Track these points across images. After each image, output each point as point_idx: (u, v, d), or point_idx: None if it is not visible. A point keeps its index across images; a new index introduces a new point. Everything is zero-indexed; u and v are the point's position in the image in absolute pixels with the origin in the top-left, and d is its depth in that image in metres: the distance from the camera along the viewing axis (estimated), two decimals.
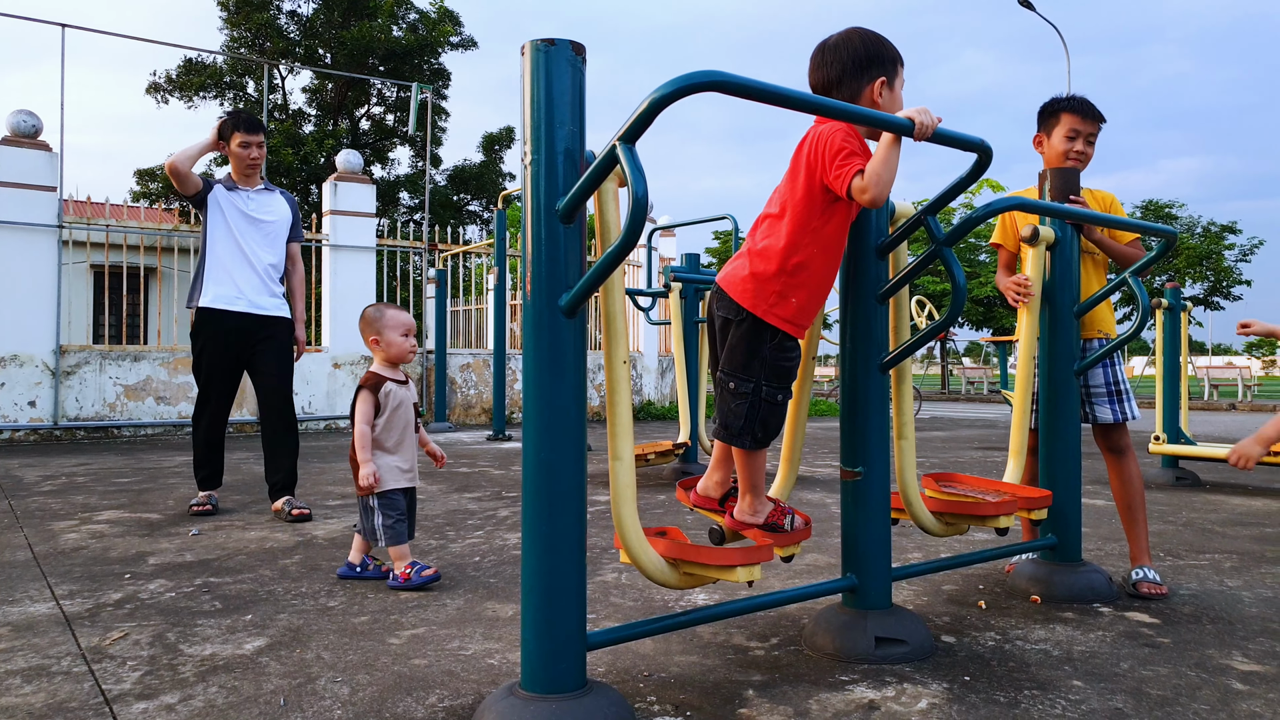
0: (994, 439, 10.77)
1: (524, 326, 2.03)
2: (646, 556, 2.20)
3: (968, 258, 31.37)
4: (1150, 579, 3.26)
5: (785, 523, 2.55)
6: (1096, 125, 3.41)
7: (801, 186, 2.38)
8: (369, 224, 11.40)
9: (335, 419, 10.89)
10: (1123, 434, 3.42)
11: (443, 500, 5.40)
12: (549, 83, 1.96)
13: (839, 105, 2.13)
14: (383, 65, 23.32)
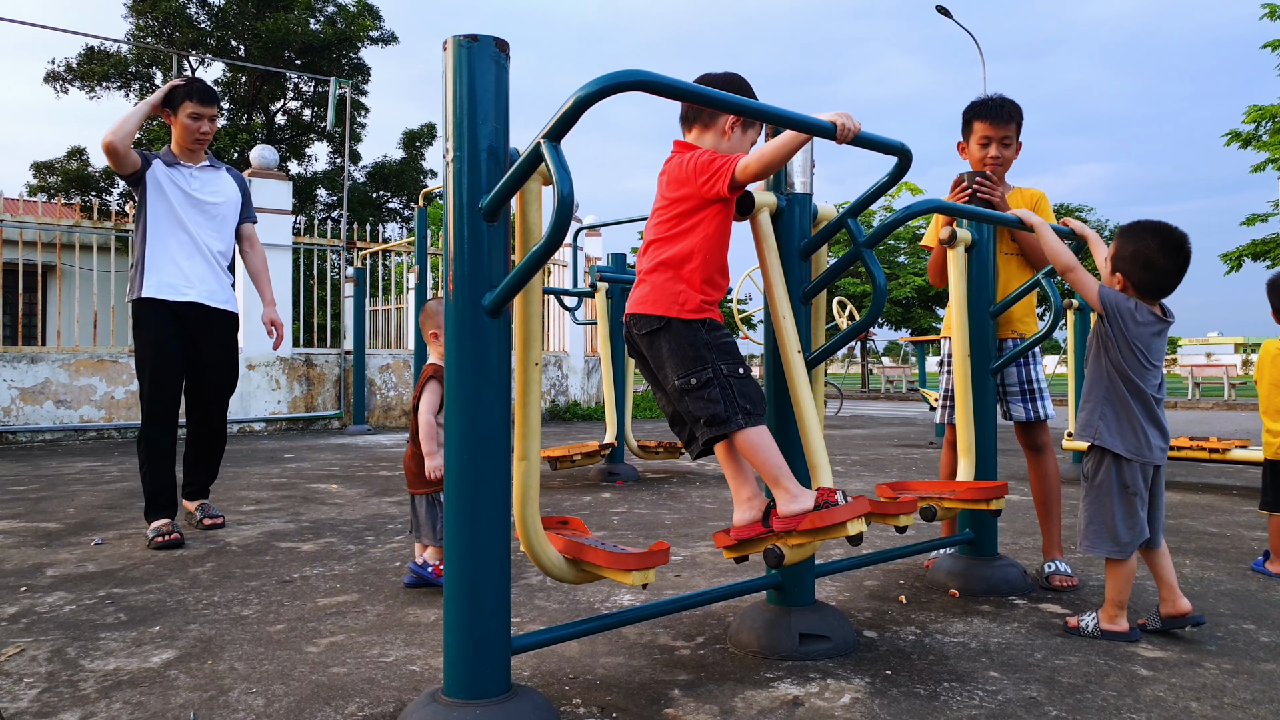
0: (913, 436, 11.00)
1: (446, 327, 2.00)
2: (546, 554, 2.19)
3: (887, 259, 32.01)
4: (1062, 572, 3.36)
5: (837, 498, 2.33)
6: (1008, 127, 3.48)
7: (680, 201, 2.46)
8: (285, 221, 11.13)
9: (249, 422, 10.61)
10: (1041, 432, 3.51)
11: (362, 505, 5.30)
12: (472, 79, 1.93)
13: (761, 106, 2.15)
14: (300, 59, 22.80)
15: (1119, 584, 2.74)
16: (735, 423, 2.36)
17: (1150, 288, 2.76)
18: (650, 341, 2.46)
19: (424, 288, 9.89)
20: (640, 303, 2.49)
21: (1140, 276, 2.75)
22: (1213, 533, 4.49)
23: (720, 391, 2.38)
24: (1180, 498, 5.74)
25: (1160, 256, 2.73)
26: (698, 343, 2.41)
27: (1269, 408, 3.63)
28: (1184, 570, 3.64)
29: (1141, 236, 2.77)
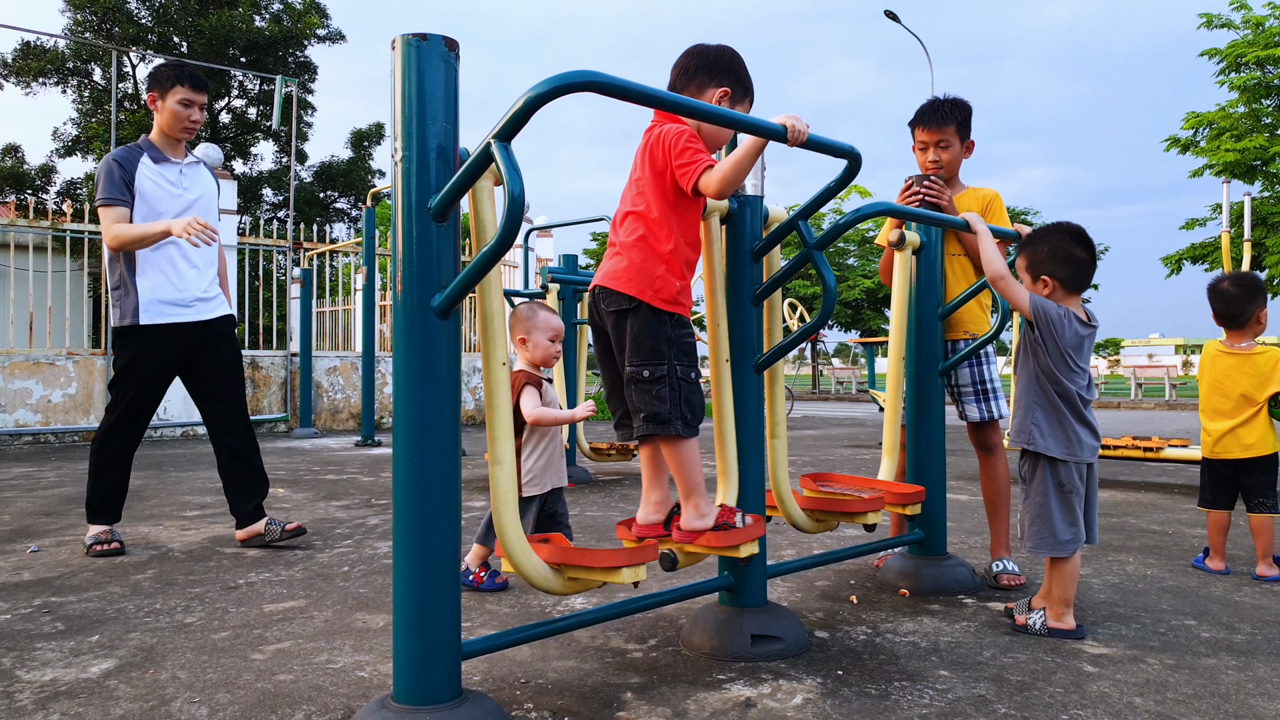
0: (863, 437, 11.11)
1: (395, 328, 1.97)
2: (530, 563, 2.15)
3: (837, 262, 32.31)
4: (1010, 570, 3.41)
5: (737, 520, 2.45)
6: (944, 130, 3.51)
7: (654, 184, 2.42)
8: (229, 221, 10.93)
9: (192, 425, 10.39)
10: (992, 431, 3.56)
11: (309, 509, 5.21)
12: (421, 78, 1.90)
13: (709, 107, 2.15)
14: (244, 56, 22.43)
15: (1064, 582, 2.78)
16: (674, 427, 2.39)
17: (1076, 279, 2.83)
18: (617, 320, 2.45)
19: (372, 289, 9.78)
20: (614, 277, 2.43)
21: (1065, 271, 2.82)
22: (1155, 530, 4.59)
23: (670, 392, 2.38)
24: (1124, 496, 5.86)
25: (1075, 247, 2.83)
26: (660, 336, 2.40)
27: (1207, 407, 3.72)
28: (1127, 568, 3.71)
29: (1050, 236, 2.86)
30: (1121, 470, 7.31)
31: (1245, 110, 20.84)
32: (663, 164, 2.39)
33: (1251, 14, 20.38)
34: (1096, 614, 3.02)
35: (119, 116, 19.32)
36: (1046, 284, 2.84)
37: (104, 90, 22.24)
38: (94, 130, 20.43)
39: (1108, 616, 2.99)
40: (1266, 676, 2.42)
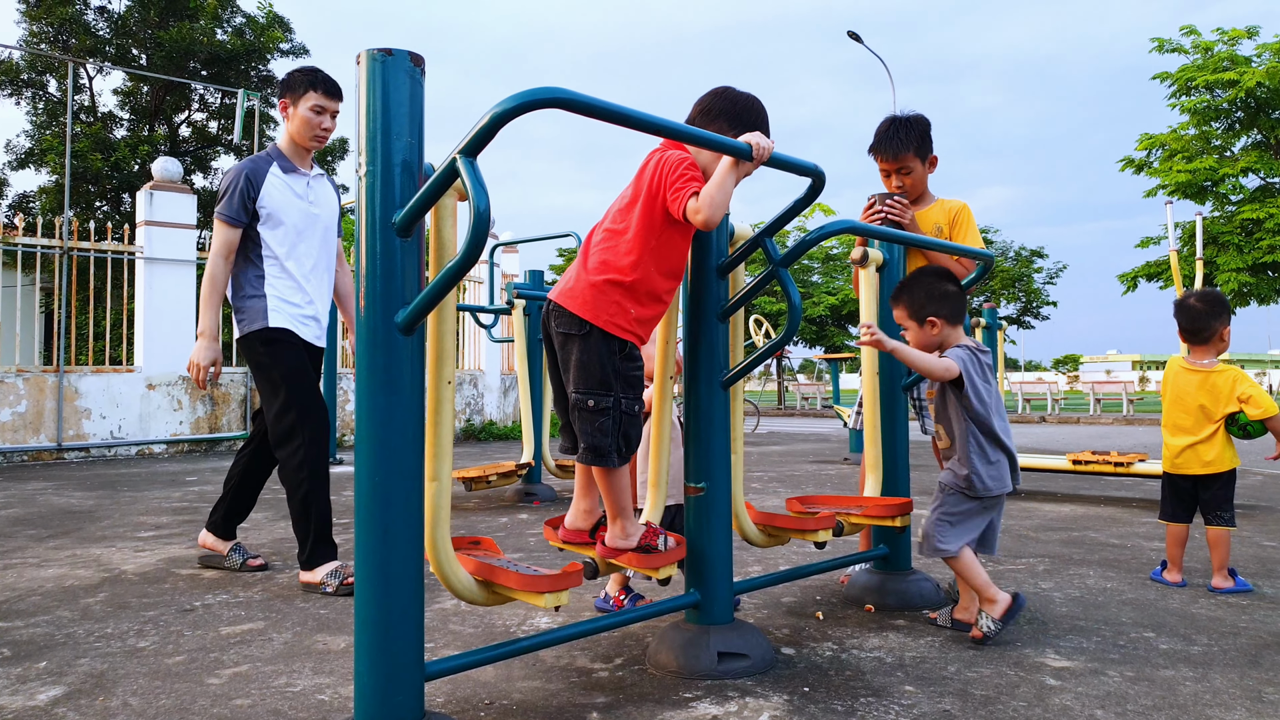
0: (827, 452, 11.16)
1: (358, 344, 1.95)
2: (456, 577, 2.15)
3: (801, 279, 32.53)
4: None
5: (659, 543, 2.52)
6: (899, 160, 3.53)
7: (642, 206, 2.41)
8: (189, 236, 10.79)
9: (148, 444, 10.22)
10: None
11: (269, 529, 5.13)
12: (386, 93, 1.89)
13: (676, 125, 2.16)
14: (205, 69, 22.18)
15: (974, 572, 2.91)
16: (610, 460, 2.42)
17: (956, 311, 3.01)
18: (565, 341, 2.44)
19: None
20: (570, 297, 2.42)
21: (946, 308, 3.00)
22: (1114, 544, 4.64)
23: (612, 424, 2.40)
24: (1084, 510, 5.93)
25: (945, 284, 3.02)
26: (608, 367, 2.39)
27: (1169, 423, 3.77)
28: (1088, 581, 3.75)
29: (920, 281, 3.05)
30: (1081, 485, 7.40)
31: (1196, 132, 21.34)
32: (657, 187, 2.39)
33: (1201, 39, 20.92)
34: (1059, 627, 3.05)
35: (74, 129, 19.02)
36: (934, 324, 3.00)
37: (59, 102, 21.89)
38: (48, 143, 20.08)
39: (1069, 629, 3.02)
40: (1223, 687, 2.45)
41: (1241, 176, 20.78)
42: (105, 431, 9.90)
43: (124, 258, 10.50)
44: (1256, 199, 20.57)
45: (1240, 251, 19.84)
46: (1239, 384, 3.61)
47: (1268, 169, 20.34)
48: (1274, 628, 3.05)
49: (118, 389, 9.99)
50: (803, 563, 3.65)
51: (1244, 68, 19.86)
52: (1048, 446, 12.28)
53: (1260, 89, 19.42)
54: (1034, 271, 34.88)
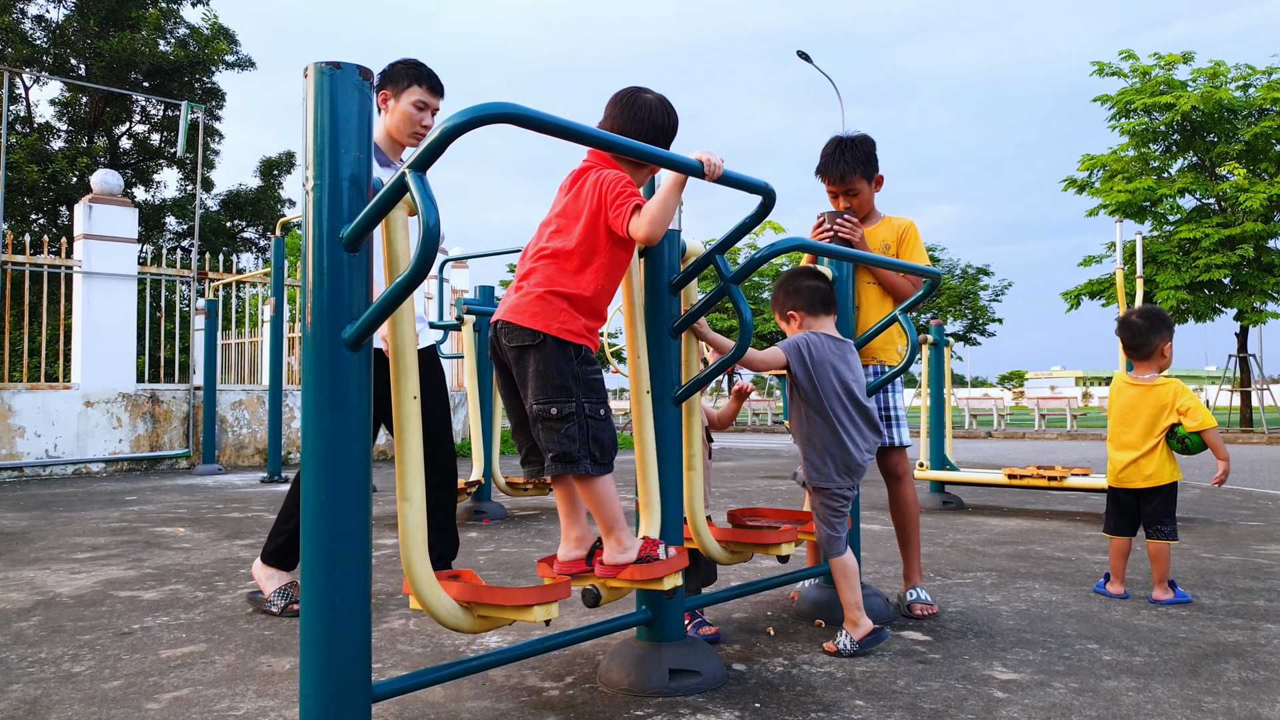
0: (778, 468, 11.22)
1: (304, 360, 1.91)
2: (439, 601, 2.10)
3: (752, 295, 32.79)
4: (922, 600, 3.46)
5: (659, 553, 2.45)
6: (845, 183, 3.58)
7: (585, 224, 2.41)
8: (129, 250, 10.57)
9: (86, 462, 9.96)
10: (899, 460, 3.60)
11: (212, 549, 5.02)
12: (334, 107, 1.87)
13: (627, 142, 2.16)
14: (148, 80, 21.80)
15: (851, 585, 2.95)
16: (583, 466, 2.37)
17: (814, 302, 3.10)
18: (519, 355, 2.41)
19: (280, 320, 9.55)
20: (518, 312, 2.40)
21: (803, 299, 3.10)
22: (1059, 557, 4.72)
23: (578, 430, 2.36)
24: (1029, 524, 6.03)
25: (804, 279, 3.13)
26: (567, 373, 2.37)
27: (1114, 437, 3.85)
28: (1034, 594, 3.81)
29: (783, 281, 3.19)
30: (1027, 499, 7.52)
31: (1135, 154, 21.93)
32: (599, 206, 2.39)
33: (1139, 64, 21.53)
34: (1005, 640, 3.08)
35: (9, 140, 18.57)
36: (794, 317, 3.12)
37: None
38: None
39: (1016, 642, 3.06)
40: (1164, 697, 2.50)
41: (1178, 197, 21.39)
42: (40, 450, 9.64)
43: (61, 272, 10.26)
44: (1193, 219, 21.16)
45: (1178, 270, 20.38)
46: (1179, 397, 3.70)
47: (1203, 190, 20.95)
48: (1212, 638, 3.12)
49: (54, 406, 9.73)
50: (754, 578, 3.65)
51: (1180, 92, 20.48)
52: (994, 461, 12.47)
53: (1195, 113, 20.02)
54: (980, 289, 35.54)
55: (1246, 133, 20.15)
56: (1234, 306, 20.55)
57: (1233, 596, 3.76)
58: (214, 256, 13.40)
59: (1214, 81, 20.69)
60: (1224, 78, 20.80)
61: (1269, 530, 5.67)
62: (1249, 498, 7.60)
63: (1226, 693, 2.54)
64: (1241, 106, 20.25)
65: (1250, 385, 21.77)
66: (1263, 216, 19.88)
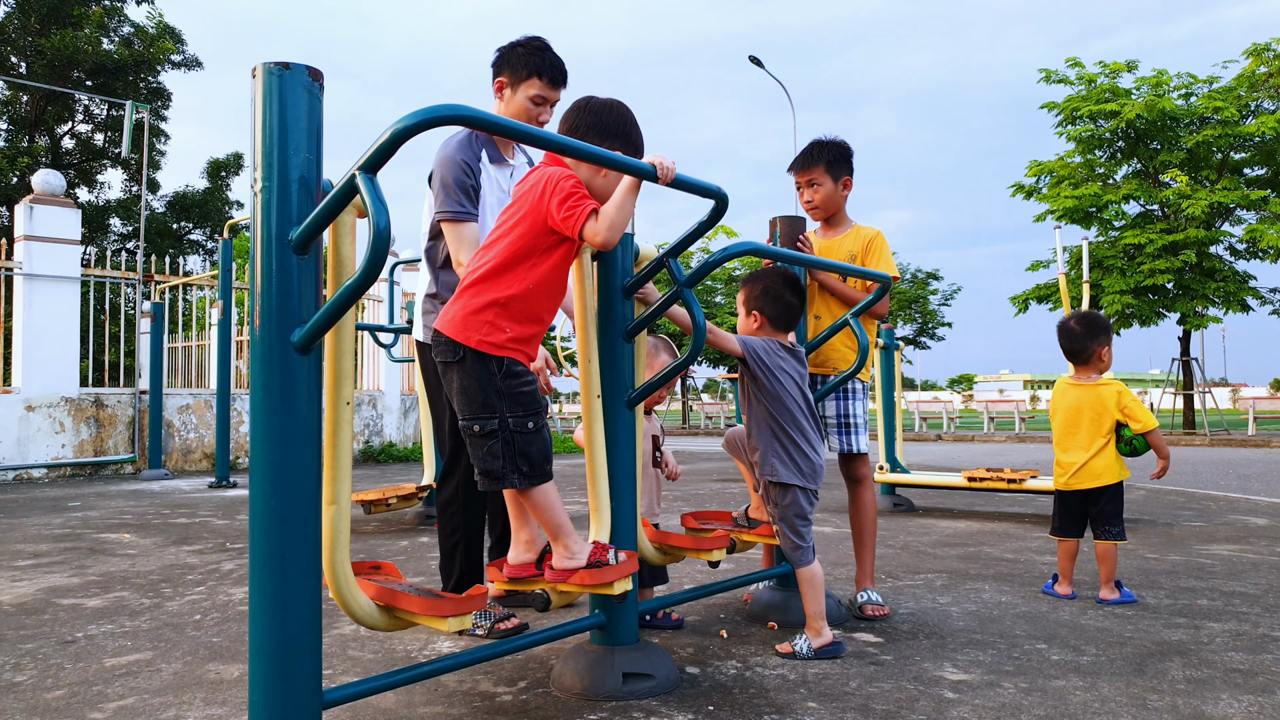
0: (731, 471, 11.26)
1: (252, 364, 1.88)
2: (356, 602, 2.09)
3: (705, 299, 32.88)
4: (874, 601, 3.49)
5: (609, 557, 2.44)
6: (809, 172, 3.65)
7: (528, 226, 2.36)
8: (72, 251, 10.34)
9: (27, 468, 9.71)
10: (860, 464, 3.62)
11: (158, 555, 4.92)
12: (283, 108, 1.84)
13: (578, 144, 2.16)
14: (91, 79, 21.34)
15: (816, 595, 2.97)
16: (510, 481, 2.35)
17: (781, 319, 3.11)
18: (444, 370, 2.39)
19: (228, 323, 9.40)
20: (448, 322, 2.36)
21: (773, 309, 3.10)
22: (1009, 559, 4.79)
23: (502, 447, 2.33)
24: (979, 526, 6.11)
25: (787, 291, 3.12)
26: (489, 388, 2.32)
27: (1060, 440, 3.91)
28: (984, 595, 3.86)
29: (766, 276, 3.15)
30: (976, 501, 7.63)
31: (1081, 160, 22.36)
32: (546, 207, 2.32)
33: (1085, 71, 21.96)
34: (956, 641, 3.12)
35: None
36: (756, 318, 3.13)
37: None
38: None
39: (966, 643, 3.10)
40: (1110, 695, 2.54)
41: (1123, 203, 21.83)
42: None
43: (1, 274, 10.00)
44: (1137, 225, 21.62)
45: (1123, 275, 20.80)
46: (1122, 397, 3.78)
47: (1147, 196, 21.43)
48: (1157, 637, 3.19)
49: None
50: (707, 581, 3.66)
51: (1124, 100, 20.92)
52: (944, 464, 12.64)
53: (1139, 120, 20.47)
54: (930, 294, 36.01)
55: (1188, 141, 20.66)
56: (1177, 311, 21.03)
57: (1176, 596, 3.84)
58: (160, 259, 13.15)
59: (1157, 90, 21.17)
60: (1167, 86, 21.29)
61: (1211, 530, 5.80)
62: (1191, 498, 7.78)
63: (1171, 690, 2.60)
64: (1183, 115, 20.76)
65: (1193, 388, 22.30)
66: (1204, 223, 20.38)
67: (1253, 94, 20.52)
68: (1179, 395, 22.90)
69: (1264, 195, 20.44)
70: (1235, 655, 2.94)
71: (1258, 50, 20.38)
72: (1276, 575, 4.27)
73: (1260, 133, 19.75)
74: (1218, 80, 21.17)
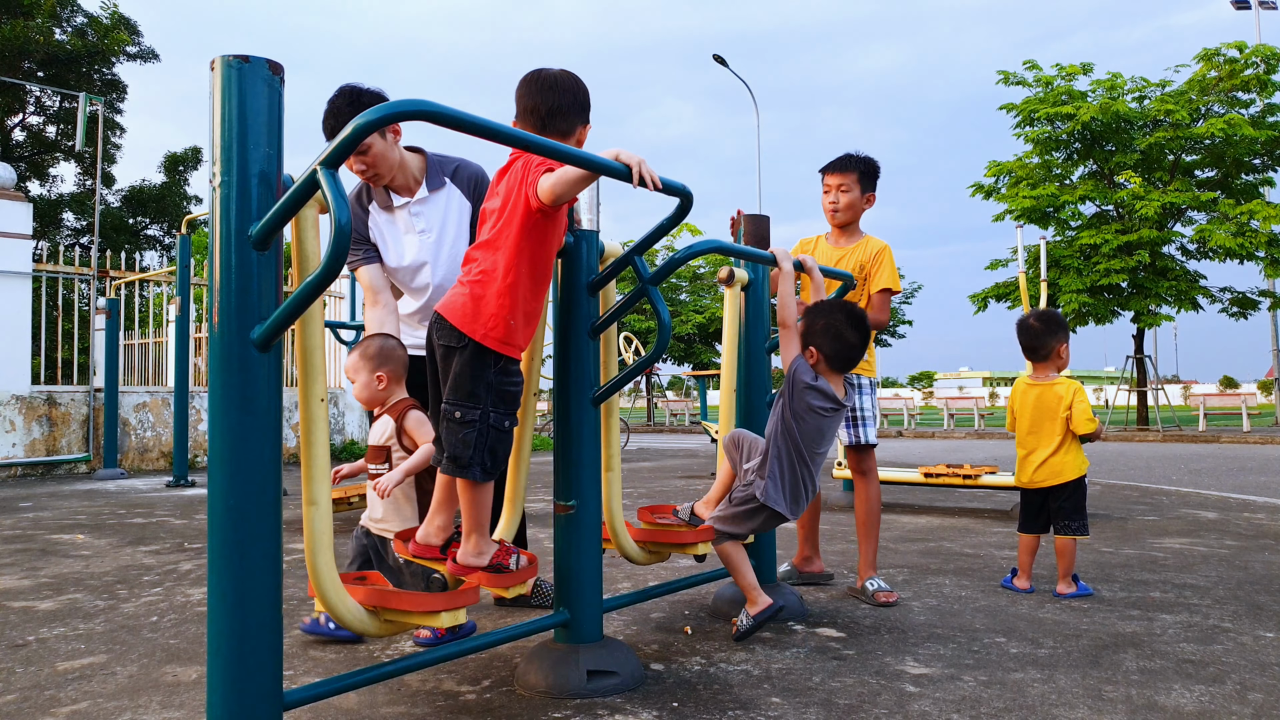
0: (695, 468, 11.30)
1: (211, 361, 1.86)
2: (344, 606, 2.07)
3: (670, 297, 32.93)
4: (883, 588, 3.63)
5: (510, 562, 2.49)
6: (844, 176, 3.82)
7: (510, 210, 2.39)
8: (23, 246, 10.12)
9: None
10: (867, 457, 3.77)
11: (113, 555, 4.84)
12: (242, 101, 1.82)
13: (542, 140, 2.15)
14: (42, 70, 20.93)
15: (742, 567, 3.09)
16: (472, 473, 2.39)
17: (839, 358, 3.04)
18: (446, 354, 2.42)
19: (186, 320, 9.26)
20: (452, 309, 2.40)
21: (832, 348, 3.02)
22: (968, 553, 4.85)
23: (477, 437, 2.37)
24: (939, 521, 6.18)
25: (849, 330, 3.02)
26: (480, 380, 2.37)
27: (1020, 438, 3.96)
28: (944, 590, 3.91)
29: (830, 313, 3.06)
30: (936, 497, 7.72)
31: (1039, 161, 22.68)
32: (520, 187, 2.38)
33: (1042, 73, 22.27)
34: (917, 635, 3.16)
35: None
36: (813, 355, 3.04)
37: None
38: None
39: (927, 637, 3.13)
40: (1067, 687, 2.59)
41: (1080, 203, 22.18)
42: None
43: None
44: (1093, 225, 21.98)
45: (1080, 274, 21.13)
46: (1074, 395, 3.84)
47: (1102, 197, 21.78)
48: (1112, 629, 3.24)
49: None
50: (671, 578, 3.67)
51: (1080, 102, 21.25)
52: (905, 460, 12.77)
53: (1094, 123, 20.80)
54: None
55: (1142, 143, 21.04)
56: (1131, 309, 21.41)
57: (1131, 589, 3.92)
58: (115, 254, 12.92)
59: (1112, 93, 21.53)
60: (1121, 89, 21.66)
61: (1163, 524, 5.92)
62: (1145, 493, 7.93)
63: (1125, 681, 2.65)
64: (1137, 117, 21.13)
65: (1146, 385, 22.72)
66: (1157, 223, 20.76)
67: (1203, 97, 20.95)
68: (1133, 392, 23.31)
69: (1213, 196, 20.90)
70: (1187, 646, 3.00)
71: (1208, 55, 20.81)
72: (1226, 568, 4.36)
73: (1210, 135, 20.18)
74: (1170, 84, 21.59)
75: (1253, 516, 6.29)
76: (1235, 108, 20.90)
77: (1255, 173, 21.71)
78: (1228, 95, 20.89)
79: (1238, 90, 20.81)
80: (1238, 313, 22.63)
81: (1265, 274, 21.27)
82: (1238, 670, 2.74)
